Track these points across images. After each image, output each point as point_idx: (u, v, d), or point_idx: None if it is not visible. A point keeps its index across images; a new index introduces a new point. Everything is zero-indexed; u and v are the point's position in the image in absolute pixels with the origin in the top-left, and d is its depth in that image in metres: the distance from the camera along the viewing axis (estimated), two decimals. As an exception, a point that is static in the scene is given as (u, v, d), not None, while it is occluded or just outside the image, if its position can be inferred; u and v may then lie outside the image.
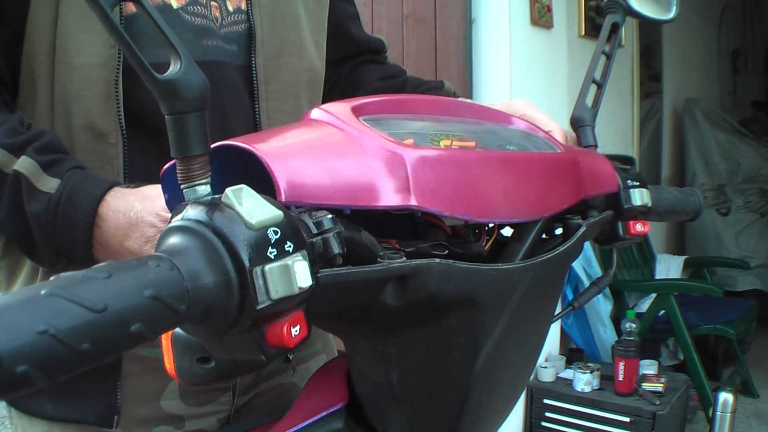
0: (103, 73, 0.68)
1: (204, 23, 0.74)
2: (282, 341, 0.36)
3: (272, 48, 0.78)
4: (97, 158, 0.70)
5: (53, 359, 0.26)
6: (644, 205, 0.64)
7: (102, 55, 0.68)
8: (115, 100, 0.69)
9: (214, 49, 0.74)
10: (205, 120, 0.37)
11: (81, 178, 0.64)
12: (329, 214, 0.42)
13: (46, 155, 0.65)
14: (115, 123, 0.69)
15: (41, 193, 0.63)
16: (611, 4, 0.70)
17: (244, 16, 0.77)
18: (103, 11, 0.34)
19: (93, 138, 0.69)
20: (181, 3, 0.72)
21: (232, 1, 0.77)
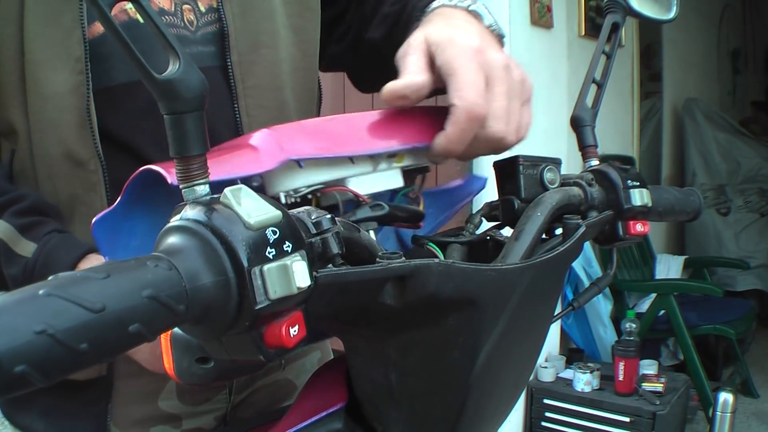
0: (74, 101, 0.66)
1: (175, 32, 0.71)
2: (281, 341, 0.36)
3: (245, 43, 0.75)
4: (79, 185, 0.69)
5: (51, 359, 0.26)
6: (644, 205, 0.64)
7: (70, 82, 0.66)
8: (89, 127, 0.67)
9: None
10: (203, 120, 0.37)
11: (58, 243, 0.63)
12: (328, 214, 0.42)
13: (25, 218, 0.64)
14: (92, 150, 0.67)
15: (18, 256, 0.63)
16: (611, 3, 0.69)
17: (216, 14, 0.74)
18: (102, 11, 0.34)
19: (73, 166, 0.68)
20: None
21: (203, 1, 0.74)
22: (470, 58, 0.56)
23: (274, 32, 0.77)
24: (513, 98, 0.57)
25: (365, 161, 0.56)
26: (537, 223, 0.56)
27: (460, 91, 0.54)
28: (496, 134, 0.56)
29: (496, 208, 0.62)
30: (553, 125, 2.63)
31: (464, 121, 0.54)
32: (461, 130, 0.55)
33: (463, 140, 0.55)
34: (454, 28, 0.59)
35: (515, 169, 0.61)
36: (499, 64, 0.57)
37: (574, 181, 0.63)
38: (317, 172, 0.53)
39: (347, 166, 0.55)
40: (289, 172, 0.52)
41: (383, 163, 0.57)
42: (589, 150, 0.68)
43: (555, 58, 2.72)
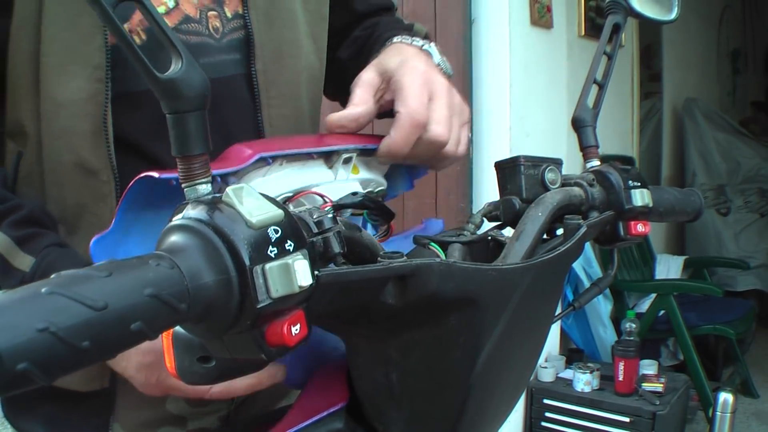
0: (90, 109, 0.65)
1: (199, 41, 0.70)
2: (282, 340, 0.36)
3: (270, 52, 0.75)
4: (88, 194, 0.67)
5: (53, 357, 0.26)
6: (645, 205, 0.64)
7: (86, 89, 0.64)
8: (104, 136, 0.65)
9: (210, 67, 0.70)
10: (205, 119, 0.37)
11: (56, 258, 0.62)
12: (330, 213, 0.42)
13: (22, 230, 0.62)
14: (105, 160, 0.66)
15: (16, 270, 0.61)
16: (613, 4, 0.69)
17: (242, 21, 0.73)
18: (104, 11, 0.34)
19: (83, 175, 0.66)
20: (175, 21, 0.68)
21: (229, 7, 0.73)
22: (416, 77, 0.64)
23: (296, 41, 0.78)
24: (453, 114, 0.66)
25: (321, 163, 0.61)
26: (538, 223, 0.56)
27: (404, 101, 0.63)
28: (438, 137, 0.63)
29: (497, 208, 0.62)
30: (553, 125, 2.63)
31: (407, 125, 0.62)
32: (404, 134, 0.62)
33: (406, 143, 0.62)
34: (405, 57, 0.68)
35: (516, 170, 0.61)
36: (442, 84, 0.66)
37: (575, 182, 0.64)
38: (284, 180, 0.57)
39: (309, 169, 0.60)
40: (260, 183, 0.55)
41: (341, 169, 0.62)
42: (590, 150, 0.68)
43: (555, 59, 2.72)
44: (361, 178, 0.65)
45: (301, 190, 0.57)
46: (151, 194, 0.49)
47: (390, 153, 0.63)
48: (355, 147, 0.63)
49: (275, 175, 0.57)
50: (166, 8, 0.67)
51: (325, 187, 0.60)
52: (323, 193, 0.57)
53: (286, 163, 0.58)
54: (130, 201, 0.49)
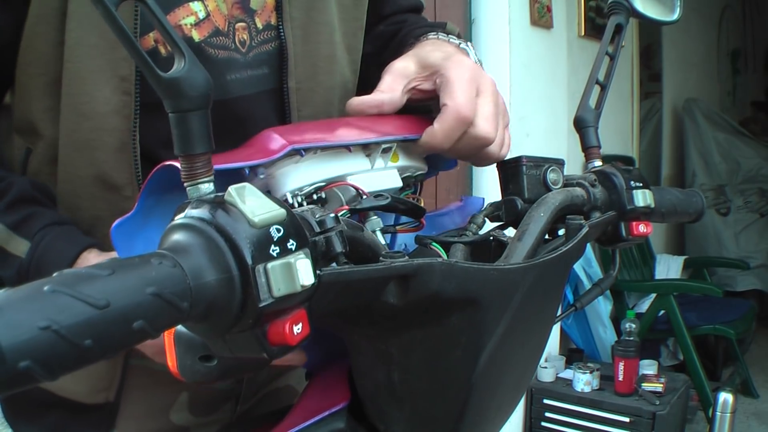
0: (116, 122, 0.61)
1: (227, 55, 0.66)
2: (284, 339, 0.36)
3: (305, 69, 0.70)
4: (107, 208, 0.63)
5: (55, 355, 0.26)
6: (647, 206, 0.64)
7: (113, 101, 0.61)
8: (132, 151, 0.61)
9: (237, 83, 0.67)
10: (208, 118, 0.37)
11: (53, 239, 0.58)
12: (332, 213, 0.42)
13: (15, 213, 0.59)
14: (130, 176, 0.62)
15: (12, 256, 0.59)
16: (615, 5, 0.69)
17: (275, 32, 0.69)
18: (107, 10, 0.34)
19: (104, 189, 0.63)
20: (204, 34, 0.64)
21: (261, 17, 0.68)
22: (464, 71, 0.60)
23: (332, 56, 0.74)
24: (499, 113, 0.62)
25: (360, 153, 0.58)
26: (540, 223, 0.56)
27: (451, 94, 0.59)
28: (485, 134, 0.59)
29: (499, 208, 0.62)
30: (553, 125, 2.63)
31: (452, 119, 0.58)
32: (448, 127, 0.59)
33: (449, 137, 0.59)
34: (446, 52, 0.64)
35: (519, 170, 0.61)
36: (489, 82, 0.62)
37: (577, 182, 0.64)
38: (318, 169, 0.55)
39: (345, 158, 0.57)
40: (292, 170, 0.53)
41: (379, 158, 0.59)
42: (592, 151, 0.68)
43: (555, 59, 2.72)
44: (400, 165, 0.62)
45: (335, 179, 0.55)
46: (173, 181, 0.48)
47: (431, 145, 0.60)
48: (395, 138, 0.60)
49: (308, 163, 0.54)
50: (196, 18, 0.63)
51: (361, 176, 0.57)
52: (358, 186, 0.55)
53: (320, 152, 0.56)
54: (152, 187, 0.48)
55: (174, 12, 0.62)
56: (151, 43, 0.61)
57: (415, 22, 0.83)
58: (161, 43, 0.62)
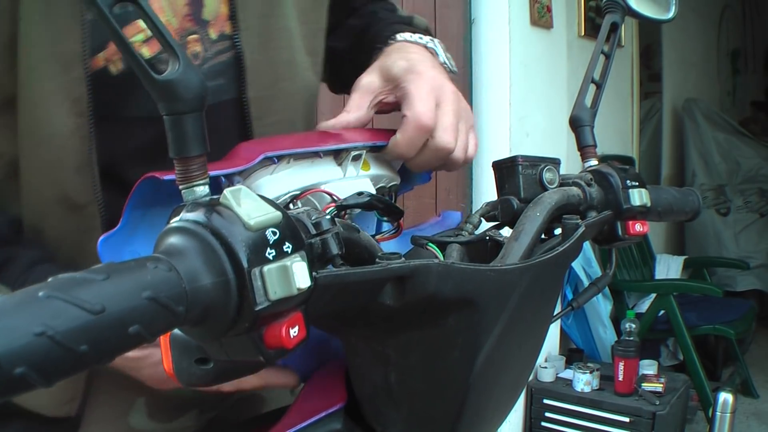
0: (74, 143, 0.60)
1: None
2: (281, 342, 0.36)
3: (265, 76, 0.69)
4: (73, 228, 0.63)
5: (51, 361, 0.26)
6: (643, 205, 0.64)
7: (69, 124, 0.60)
8: (91, 171, 0.61)
9: None
10: (203, 121, 0.37)
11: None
12: (328, 215, 0.42)
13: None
14: (91, 194, 0.62)
15: None
16: (610, 3, 0.69)
17: (229, 42, 0.67)
18: (101, 12, 0.34)
19: (68, 209, 0.62)
20: (154, 50, 0.63)
21: (214, 27, 0.66)
22: (423, 83, 0.63)
23: (292, 61, 0.73)
24: (461, 119, 0.64)
25: (331, 161, 0.61)
26: (536, 223, 0.56)
27: (411, 105, 0.62)
28: (445, 144, 0.62)
29: (495, 207, 0.62)
30: (553, 125, 2.63)
31: (412, 129, 0.61)
32: (409, 137, 0.61)
33: (411, 146, 0.62)
34: (410, 61, 0.66)
35: (514, 169, 0.62)
36: (449, 89, 0.65)
37: (573, 181, 0.64)
38: (291, 178, 0.56)
39: (317, 166, 0.59)
40: (267, 180, 0.55)
41: (350, 166, 0.61)
42: (588, 150, 0.68)
43: (555, 59, 2.72)
44: (372, 174, 0.64)
45: (309, 187, 0.57)
46: (157, 194, 0.49)
47: (395, 153, 0.63)
48: (364, 144, 0.62)
49: (283, 173, 0.56)
50: (145, 35, 0.62)
51: (334, 184, 0.59)
52: (332, 192, 0.57)
53: (293, 161, 0.57)
54: (136, 200, 0.49)
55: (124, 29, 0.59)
56: (101, 63, 0.61)
57: (384, 17, 0.83)
58: (111, 63, 0.61)
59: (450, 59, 0.74)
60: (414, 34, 0.73)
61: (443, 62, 0.71)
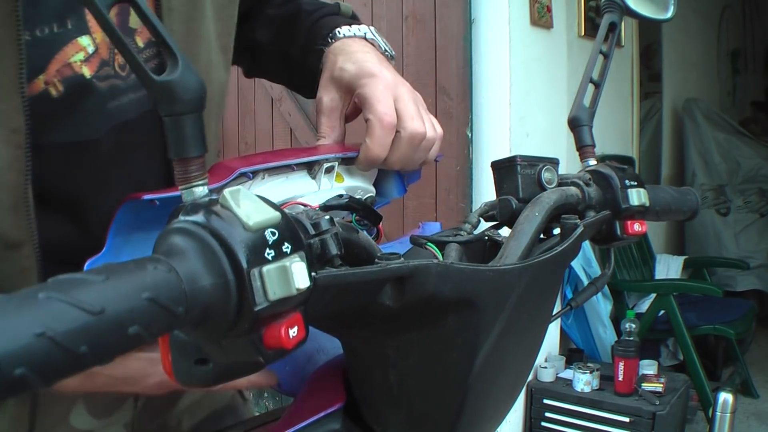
0: (10, 179, 0.56)
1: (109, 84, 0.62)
2: (280, 343, 0.36)
3: None
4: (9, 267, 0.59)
5: (51, 362, 0.26)
6: (642, 204, 0.64)
7: (5, 157, 0.55)
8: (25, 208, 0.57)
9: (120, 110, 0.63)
10: (202, 121, 0.38)
11: None
12: (326, 215, 0.42)
13: None
14: (27, 232, 0.58)
15: None
16: (609, 3, 0.70)
17: (155, 50, 0.66)
18: (99, 12, 0.34)
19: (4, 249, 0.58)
20: (94, 70, 0.60)
21: (141, 35, 0.65)
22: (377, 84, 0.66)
23: (209, 64, 0.71)
24: (419, 105, 0.67)
25: (305, 175, 0.63)
26: (535, 223, 0.56)
27: (371, 108, 0.64)
28: (416, 130, 0.65)
29: (493, 207, 0.62)
30: (553, 125, 2.63)
31: (378, 129, 0.64)
32: (377, 138, 0.64)
33: (383, 146, 0.64)
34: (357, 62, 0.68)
35: (513, 169, 0.62)
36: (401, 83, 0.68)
37: (571, 181, 0.64)
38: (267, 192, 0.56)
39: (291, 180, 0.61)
40: None
41: (323, 178, 0.63)
42: (587, 150, 0.68)
43: (555, 59, 2.72)
44: (346, 186, 0.66)
45: (285, 201, 0.58)
46: (139, 216, 0.50)
47: (368, 159, 0.64)
48: (336, 156, 0.64)
49: (258, 189, 0.57)
50: (85, 54, 0.60)
51: (310, 197, 0.61)
52: (307, 204, 0.57)
53: (268, 177, 0.59)
54: (119, 225, 0.49)
55: (63, 50, 0.58)
56: (41, 86, 0.57)
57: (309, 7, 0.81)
58: (51, 85, 0.58)
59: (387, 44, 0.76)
60: (351, 26, 0.74)
61: (384, 51, 0.74)
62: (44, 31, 0.57)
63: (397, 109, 0.65)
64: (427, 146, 0.67)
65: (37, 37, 0.57)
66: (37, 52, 0.57)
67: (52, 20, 0.58)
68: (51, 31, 0.57)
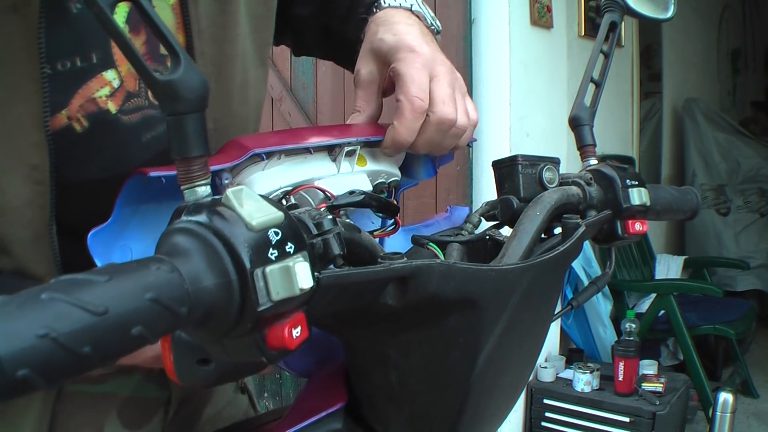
0: (30, 214, 0.55)
1: (140, 117, 0.61)
2: (283, 343, 0.36)
3: (220, 105, 0.66)
4: None
5: (54, 363, 0.26)
6: (643, 204, 0.64)
7: (25, 193, 0.54)
8: (50, 243, 0.56)
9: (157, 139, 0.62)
10: (204, 121, 0.38)
11: None
12: (329, 214, 0.42)
13: None
14: (50, 266, 0.57)
15: None
16: (609, 3, 0.70)
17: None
18: (102, 12, 0.34)
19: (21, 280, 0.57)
20: (119, 104, 0.59)
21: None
22: (413, 60, 0.62)
23: (245, 82, 0.70)
24: (456, 89, 0.63)
25: (325, 157, 0.59)
26: (536, 222, 0.56)
27: (403, 88, 0.61)
28: (446, 116, 0.61)
29: (494, 207, 0.62)
30: (553, 125, 2.64)
31: (408, 112, 0.60)
32: (406, 120, 0.60)
33: (409, 130, 0.60)
34: (397, 34, 0.64)
35: (514, 169, 0.62)
36: (440, 61, 0.63)
37: (572, 181, 0.64)
38: (284, 174, 0.55)
39: (310, 162, 0.58)
40: (258, 177, 0.54)
41: (344, 162, 0.60)
42: (588, 149, 0.68)
43: (555, 58, 2.72)
44: (369, 169, 0.63)
45: (301, 183, 0.56)
46: (148, 189, 0.49)
47: (395, 143, 0.61)
48: (357, 140, 0.61)
49: (275, 169, 0.55)
50: (111, 88, 0.59)
51: (329, 180, 0.58)
52: (325, 188, 0.56)
53: (285, 157, 0.56)
54: (126, 195, 0.48)
55: (87, 85, 0.57)
56: (64, 121, 0.56)
57: None
58: (75, 120, 0.57)
59: (435, 19, 0.72)
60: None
61: (430, 25, 0.70)
62: (66, 65, 0.55)
63: (430, 90, 0.61)
64: (457, 133, 0.63)
65: (59, 71, 0.55)
66: (58, 87, 0.55)
67: (75, 54, 0.56)
68: (74, 65, 0.56)
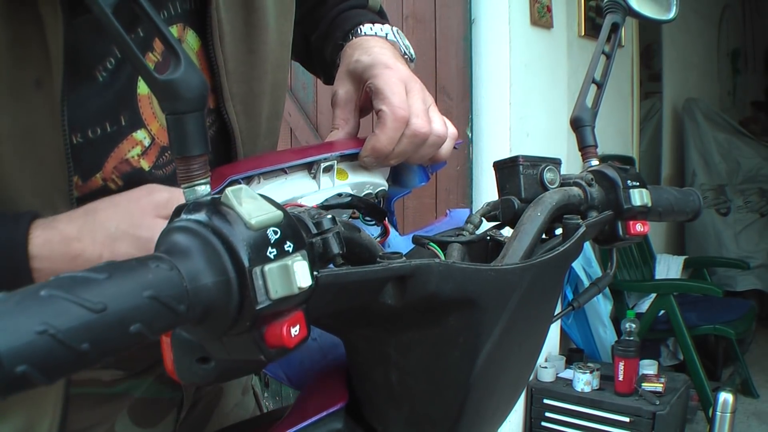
0: None
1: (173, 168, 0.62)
2: (282, 341, 0.36)
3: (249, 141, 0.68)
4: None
5: (52, 359, 0.26)
6: (644, 205, 0.64)
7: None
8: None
9: None
10: (204, 120, 0.38)
11: None
12: (329, 214, 0.42)
13: None
14: None
15: None
16: (611, 3, 0.70)
17: (215, 115, 0.66)
18: (102, 11, 0.34)
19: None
20: (152, 161, 0.61)
21: None
22: (390, 75, 0.65)
23: (274, 113, 0.71)
24: (428, 104, 0.66)
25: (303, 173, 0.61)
26: (537, 223, 0.56)
27: (384, 99, 0.63)
28: (419, 129, 0.63)
29: (495, 207, 0.62)
30: (553, 125, 2.63)
31: (391, 121, 0.62)
32: (389, 129, 0.62)
33: (391, 138, 0.62)
34: (372, 55, 0.67)
35: (515, 169, 0.62)
36: (413, 79, 0.66)
37: (573, 181, 0.64)
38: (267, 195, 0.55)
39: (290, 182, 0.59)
40: None
41: (324, 177, 0.62)
42: (589, 150, 0.68)
43: (555, 59, 2.72)
44: (352, 182, 0.64)
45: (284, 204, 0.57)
46: None
47: (375, 151, 0.63)
48: (333, 155, 0.62)
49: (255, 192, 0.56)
50: (142, 147, 0.60)
51: (311, 197, 0.60)
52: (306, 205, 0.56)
53: (264, 180, 0.58)
54: None
55: (118, 147, 0.58)
56: (99, 183, 0.58)
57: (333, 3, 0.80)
58: (110, 181, 0.58)
59: (409, 47, 0.75)
60: (374, 25, 0.73)
61: (404, 53, 0.73)
62: (97, 132, 0.56)
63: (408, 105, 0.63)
64: (436, 142, 0.65)
65: (90, 139, 0.56)
66: (90, 153, 0.56)
67: (104, 119, 0.57)
68: (104, 130, 0.57)
